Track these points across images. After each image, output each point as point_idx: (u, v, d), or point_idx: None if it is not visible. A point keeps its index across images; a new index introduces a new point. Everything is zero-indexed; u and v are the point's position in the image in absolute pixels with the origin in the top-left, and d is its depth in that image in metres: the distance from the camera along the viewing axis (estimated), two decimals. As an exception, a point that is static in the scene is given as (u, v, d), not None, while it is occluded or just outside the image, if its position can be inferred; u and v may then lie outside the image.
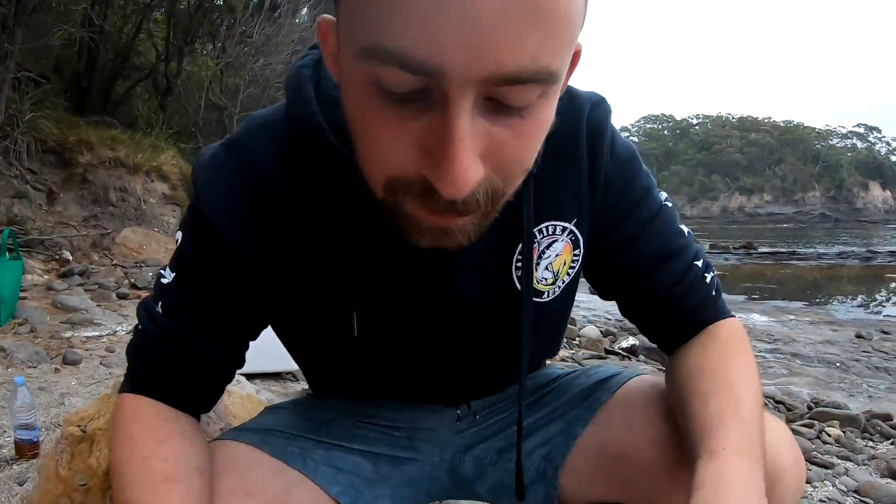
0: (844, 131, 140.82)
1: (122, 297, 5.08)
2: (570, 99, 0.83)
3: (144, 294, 4.77)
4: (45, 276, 5.54)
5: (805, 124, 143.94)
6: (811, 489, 2.32)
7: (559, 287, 0.90)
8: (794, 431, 3.05)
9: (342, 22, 0.55)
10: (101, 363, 3.34)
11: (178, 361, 0.82)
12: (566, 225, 0.85)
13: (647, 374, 1.06)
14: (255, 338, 0.90)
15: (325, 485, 0.91)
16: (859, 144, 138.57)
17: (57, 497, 1.45)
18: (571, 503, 1.02)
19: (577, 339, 5.25)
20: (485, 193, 0.57)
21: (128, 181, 7.60)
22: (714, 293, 0.94)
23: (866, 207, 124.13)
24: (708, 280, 0.93)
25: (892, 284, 13.68)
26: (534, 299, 0.87)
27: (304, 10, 13.19)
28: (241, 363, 0.91)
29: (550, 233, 0.85)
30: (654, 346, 1.09)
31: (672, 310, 0.92)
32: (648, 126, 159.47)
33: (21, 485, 1.91)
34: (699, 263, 0.92)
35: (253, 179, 0.77)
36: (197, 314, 0.82)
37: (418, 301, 0.85)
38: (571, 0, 0.50)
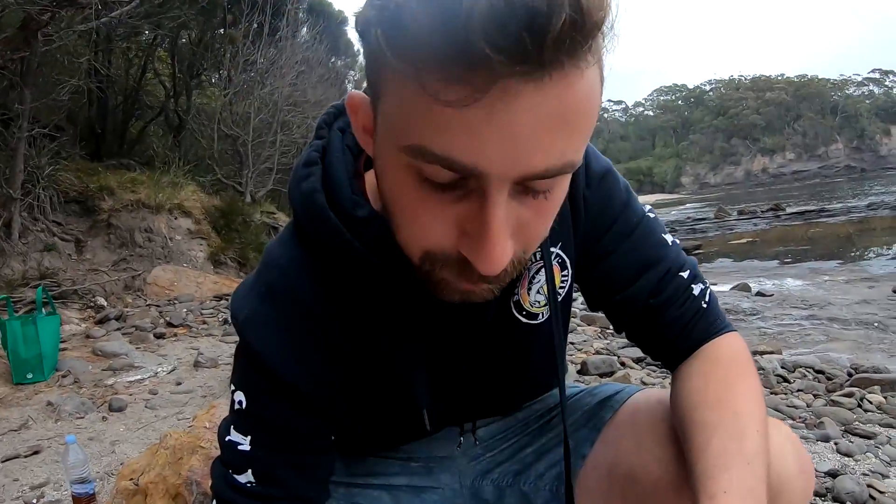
0: (860, 79, 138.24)
1: (159, 336, 5.17)
2: None
3: (181, 331, 4.82)
4: (83, 325, 5.65)
5: (819, 76, 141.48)
6: (853, 463, 2.30)
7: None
8: (834, 402, 3.04)
9: (383, 116, 0.60)
10: (146, 406, 3.41)
11: None
12: (552, 249, 0.89)
13: (652, 389, 1.06)
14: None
15: None
16: (876, 90, 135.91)
17: (117, 551, 1.51)
18: None
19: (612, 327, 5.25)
20: (511, 264, 0.63)
21: (152, 221, 7.75)
22: (705, 305, 0.92)
23: (891, 153, 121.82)
24: (696, 292, 0.92)
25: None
26: (529, 322, 0.91)
27: (304, 30, 13.31)
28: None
29: (538, 259, 0.88)
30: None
31: (658, 322, 0.92)
32: (662, 98, 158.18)
33: (82, 539, 1.97)
34: (684, 274, 0.92)
35: (300, 318, 0.80)
36: (291, 466, 0.83)
37: (464, 365, 0.91)
38: (593, 98, 0.56)
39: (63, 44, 6.99)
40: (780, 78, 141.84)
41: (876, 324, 5.30)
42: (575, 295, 0.99)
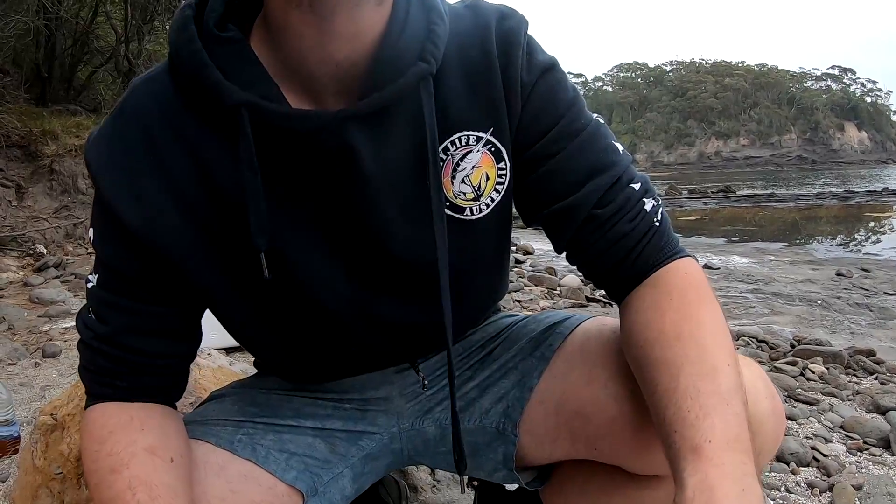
0: (819, 73, 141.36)
1: (99, 285, 5.01)
2: (474, 12, 0.80)
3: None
4: (21, 273, 5.44)
5: (779, 67, 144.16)
6: (797, 426, 2.33)
7: (486, 205, 0.82)
8: (777, 370, 3.08)
9: None
10: (81, 353, 3.30)
11: (122, 362, 0.81)
12: (481, 135, 0.79)
13: (606, 317, 0.97)
14: (194, 318, 0.86)
15: (278, 472, 0.87)
16: (834, 86, 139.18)
17: (36, 488, 1.42)
18: (534, 463, 0.98)
19: (559, 288, 5.25)
20: None
21: (96, 168, 7.45)
22: (657, 224, 0.82)
23: (842, 148, 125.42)
24: (647, 207, 0.81)
25: (871, 223, 13.80)
26: (455, 215, 0.81)
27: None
28: (193, 342, 0.87)
29: (463, 144, 0.79)
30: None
31: (604, 236, 0.81)
32: (622, 75, 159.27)
33: (3, 481, 1.88)
34: (635, 186, 0.82)
35: (139, 138, 0.75)
36: (126, 310, 0.80)
37: (330, 231, 0.79)
38: None
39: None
40: (740, 65, 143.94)
41: (819, 302, 5.39)
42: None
